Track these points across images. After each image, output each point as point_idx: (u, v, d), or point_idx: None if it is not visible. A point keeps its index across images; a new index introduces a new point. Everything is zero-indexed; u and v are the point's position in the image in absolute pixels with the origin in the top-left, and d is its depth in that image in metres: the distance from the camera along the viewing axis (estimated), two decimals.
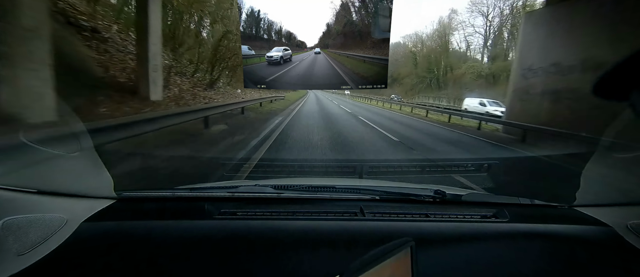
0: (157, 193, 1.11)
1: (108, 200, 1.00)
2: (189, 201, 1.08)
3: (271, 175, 2.82)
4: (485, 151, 6.35)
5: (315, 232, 0.90)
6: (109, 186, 1.01)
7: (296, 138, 6.02)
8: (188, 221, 0.92)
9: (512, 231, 0.98)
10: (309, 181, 1.59)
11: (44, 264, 0.72)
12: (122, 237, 0.83)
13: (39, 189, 0.80)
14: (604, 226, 1.02)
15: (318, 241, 0.86)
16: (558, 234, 0.97)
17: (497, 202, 1.17)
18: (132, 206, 1.02)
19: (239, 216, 0.98)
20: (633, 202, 1.03)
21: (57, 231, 0.78)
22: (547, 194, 1.26)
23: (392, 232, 0.92)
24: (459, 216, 1.05)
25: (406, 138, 7.02)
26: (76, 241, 0.80)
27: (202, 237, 0.85)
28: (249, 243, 0.83)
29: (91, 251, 0.78)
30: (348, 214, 1.02)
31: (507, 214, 1.07)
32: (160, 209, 1.01)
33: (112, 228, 0.86)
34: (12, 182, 0.74)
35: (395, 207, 1.08)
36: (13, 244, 0.68)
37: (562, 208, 1.18)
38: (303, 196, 1.13)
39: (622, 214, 1.02)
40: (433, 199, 1.14)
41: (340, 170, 3.03)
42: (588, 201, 1.15)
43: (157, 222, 0.91)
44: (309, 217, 0.98)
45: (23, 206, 0.74)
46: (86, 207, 0.91)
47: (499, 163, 3.42)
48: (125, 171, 3.00)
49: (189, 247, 0.80)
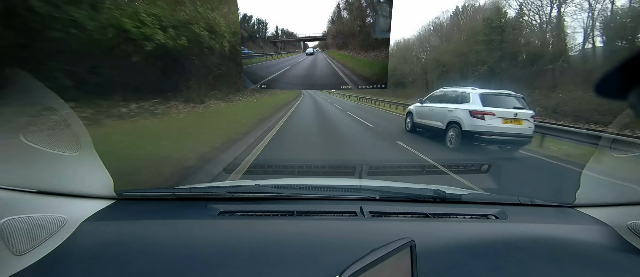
0: (157, 193, 1.11)
1: (108, 200, 1.00)
2: (189, 201, 1.08)
3: (270, 173, 2.82)
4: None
5: (315, 232, 0.90)
6: (109, 186, 1.01)
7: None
8: (188, 221, 0.92)
9: (512, 231, 0.98)
10: (308, 181, 1.59)
11: (44, 264, 0.72)
12: (122, 237, 0.83)
13: (39, 189, 0.79)
14: (604, 226, 1.02)
15: (318, 241, 0.86)
16: (558, 234, 0.97)
17: (497, 202, 1.17)
18: (132, 206, 1.02)
19: (239, 216, 0.98)
20: (633, 202, 1.03)
21: (57, 231, 0.78)
22: (547, 194, 1.26)
23: (392, 232, 0.91)
24: (459, 216, 1.05)
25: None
26: (76, 241, 0.80)
27: (202, 237, 0.85)
28: (249, 243, 0.83)
29: (91, 251, 0.78)
30: (348, 214, 1.02)
31: (507, 214, 1.07)
32: (160, 209, 1.01)
33: (112, 228, 0.86)
34: (12, 182, 0.74)
35: (395, 207, 1.08)
36: (13, 244, 0.68)
37: (562, 208, 1.18)
38: (303, 195, 1.13)
39: (622, 214, 1.02)
40: (433, 199, 1.14)
41: (340, 170, 3.03)
42: (588, 201, 1.15)
43: (157, 222, 0.91)
44: (309, 217, 0.98)
45: (23, 206, 0.74)
46: (86, 207, 0.91)
47: (499, 163, 3.42)
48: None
49: (189, 247, 0.80)
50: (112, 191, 1.01)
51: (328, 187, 1.22)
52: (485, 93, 5.59)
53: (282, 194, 1.12)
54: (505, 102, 5.51)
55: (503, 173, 2.84)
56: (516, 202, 1.18)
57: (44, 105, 0.85)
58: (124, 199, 1.03)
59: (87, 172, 0.95)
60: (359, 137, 6.87)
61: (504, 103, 5.48)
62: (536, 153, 5.79)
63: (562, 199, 1.23)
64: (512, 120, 5.20)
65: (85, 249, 0.78)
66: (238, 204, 1.04)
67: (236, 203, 1.05)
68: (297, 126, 8.26)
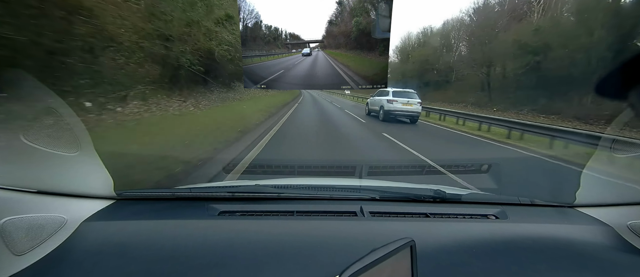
0: (157, 193, 1.11)
1: (108, 200, 1.00)
2: (189, 201, 1.08)
3: (269, 172, 2.82)
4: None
5: (315, 232, 0.90)
6: (109, 186, 1.01)
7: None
8: (188, 221, 0.92)
9: (512, 231, 0.98)
10: (308, 181, 1.59)
11: (44, 264, 0.72)
12: (122, 237, 0.83)
13: (39, 189, 0.79)
14: (604, 226, 1.02)
15: (318, 241, 0.86)
16: (558, 234, 0.97)
17: (497, 202, 1.17)
18: (132, 206, 1.02)
19: (239, 216, 0.98)
20: (633, 202, 1.03)
21: (57, 231, 0.78)
22: (547, 194, 1.26)
23: (392, 232, 0.91)
24: (459, 216, 1.05)
25: None
26: (76, 241, 0.80)
27: (202, 237, 0.85)
28: (249, 243, 0.83)
29: (91, 251, 0.78)
30: (348, 214, 1.02)
31: (507, 214, 1.07)
32: (160, 209, 1.01)
33: (112, 228, 0.86)
34: (12, 182, 0.74)
35: (395, 207, 1.08)
36: (13, 244, 0.68)
37: (562, 208, 1.18)
38: (303, 195, 1.13)
39: (622, 214, 1.02)
40: (433, 199, 1.14)
41: (339, 170, 3.03)
42: (588, 201, 1.15)
43: (157, 222, 0.91)
44: (308, 217, 0.98)
45: (23, 206, 0.74)
46: (86, 207, 0.91)
47: (499, 163, 3.43)
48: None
49: (189, 247, 0.80)
50: (112, 191, 1.02)
51: (328, 187, 1.22)
52: (395, 90, 10.22)
53: (282, 194, 1.12)
54: (405, 95, 10.15)
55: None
56: (516, 202, 1.18)
57: (44, 105, 0.85)
58: (124, 199, 1.03)
59: (87, 172, 0.95)
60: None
61: (404, 95, 10.10)
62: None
63: (562, 199, 1.23)
64: (407, 104, 9.98)
65: (86, 249, 0.78)
66: (238, 204, 1.04)
67: (236, 203, 1.05)
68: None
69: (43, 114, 0.86)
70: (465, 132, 9.27)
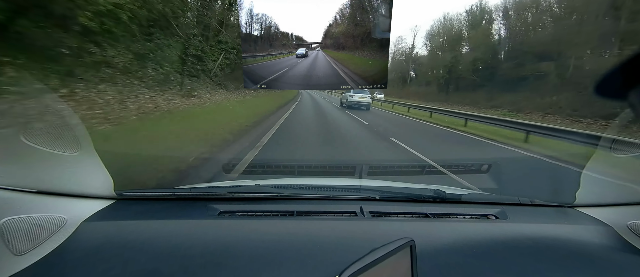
0: (156, 193, 1.11)
1: (108, 200, 1.00)
2: (189, 201, 1.08)
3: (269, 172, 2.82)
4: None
5: (315, 232, 0.90)
6: (109, 186, 1.01)
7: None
8: (188, 221, 0.92)
9: (512, 231, 0.98)
10: (308, 181, 1.59)
11: (44, 264, 0.72)
12: (122, 237, 0.83)
13: (39, 189, 0.79)
14: (604, 225, 1.02)
15: (318, 241, 0.86)
16: (558, 234, 0.97)
17: (497, 202, 1.17)
18: (132, 206, 1.02)
19: (239, 216, 0.98)
20: (633, 202, 1.03)
21: (57, 231, 0.78)
22: (547, 194, 1.26)
23: (392, 232, 0.91)
24: (458, 216, 1.05)
25: None
26: (76, 241, 0.80)
27: (202, 237, 0.85)
28: (249, 243, 0.83)
29: (91, 251, 0.78)
30: (348, 214, 1.02)
31: (507, 214, 1.07)
32: (160, 209, 1.01)
33: (112, 228, 0.86)
34: (12, 182, 0.74)
35: (395, 207, 1.08)
36: (13, 244, 0.68)
37: (562, 208, 1.18)
38: (303, 195, 1.13)
39: (622, 214, 1.02)
40: (433, 199, 1.14)
41: (339, 170, 3.03)
42: (588, 201, 1.15)
43: (157, 222, 0.91)
44: (308, 217, 0.98)
45: (23, 206, 0.74)
46: (86, 207, 0.91)
47: (499, 163, 3.42)
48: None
49: (189, 247, 0.80)
50: (112, 191, 1.01)
51: (328, 187, 1.22)
52: (354, 90, 13.12)
53: (282, 194, 1.12)
54: (360, 92, 14.24)
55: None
56: (516, 202, 1.18)
57: (43, 105, 0.85)
58: (124, 199, 1.03)
59: (87, 172, 0.95)
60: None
61: (359, 92, 14.33)
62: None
63: (562, 199, 1.23)
64: (361, 97, 14.67)
65: (86, 249, 0.78)
66: (238, 204, 1.04)
67: (236, 203, 1.05)
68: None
69: (43, 114, 0.86)
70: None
